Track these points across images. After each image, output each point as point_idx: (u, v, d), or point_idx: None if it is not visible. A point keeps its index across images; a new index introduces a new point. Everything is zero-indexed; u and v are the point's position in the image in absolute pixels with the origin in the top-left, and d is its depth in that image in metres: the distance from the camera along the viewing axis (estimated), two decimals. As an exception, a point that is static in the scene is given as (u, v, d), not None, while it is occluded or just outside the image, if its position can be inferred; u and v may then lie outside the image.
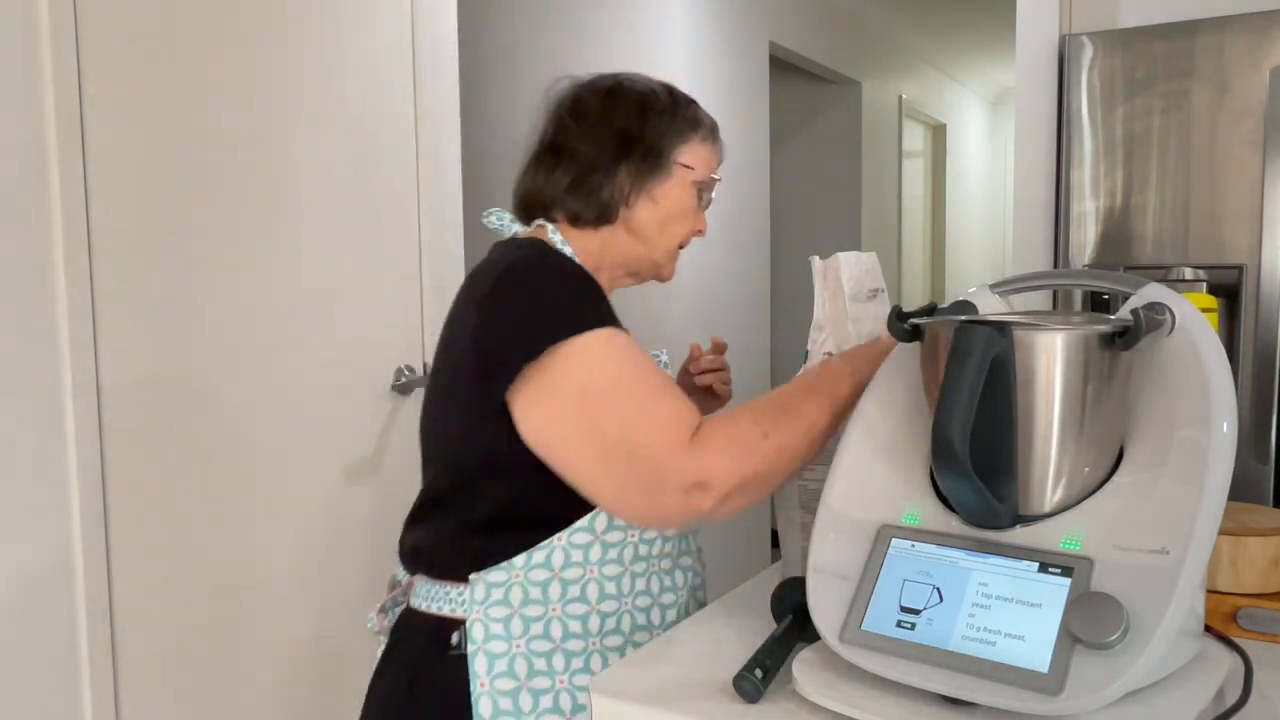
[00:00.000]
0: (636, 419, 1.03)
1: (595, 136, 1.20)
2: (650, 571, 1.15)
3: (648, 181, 1.20)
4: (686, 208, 1.23)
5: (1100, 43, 1.92)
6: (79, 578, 1.57)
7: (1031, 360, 0.83)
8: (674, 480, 1.01)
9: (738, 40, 3.80)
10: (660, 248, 1.23)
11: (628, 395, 1.04)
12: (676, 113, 1.22)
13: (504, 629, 1.08)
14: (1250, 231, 1.81)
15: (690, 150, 1.22)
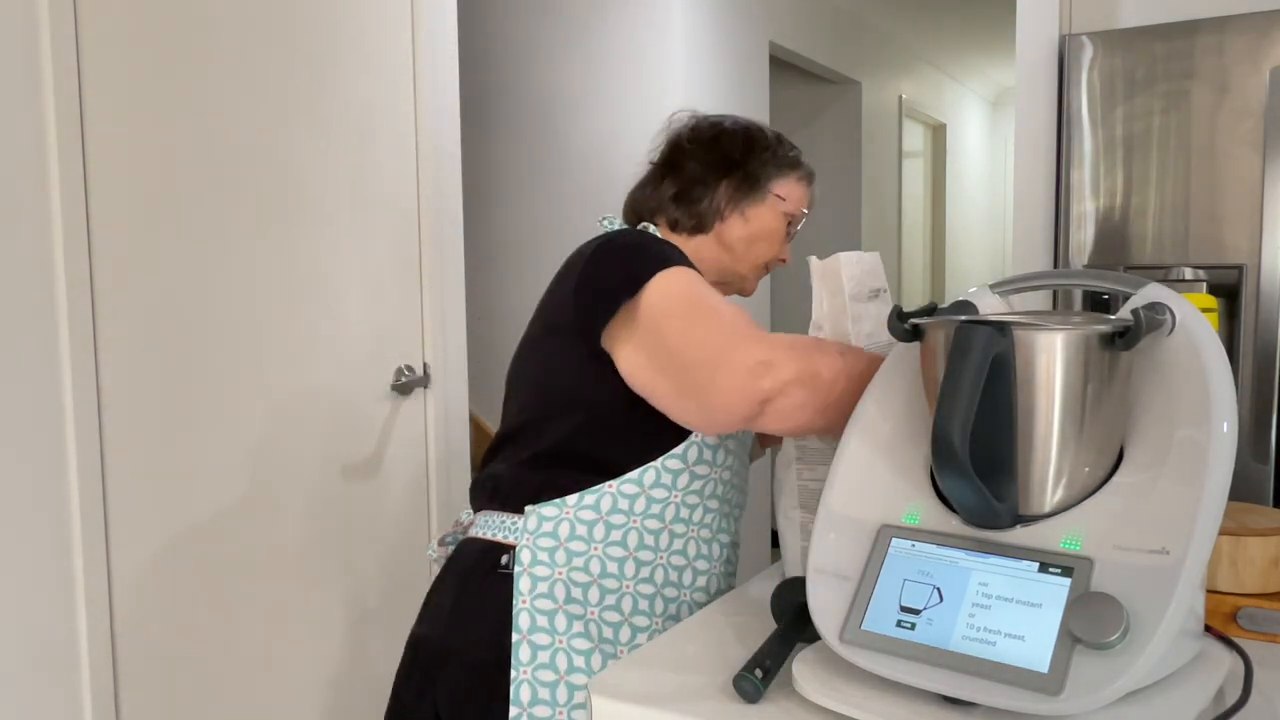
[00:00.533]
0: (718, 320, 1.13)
1: (704, 157, 1.37)
2: (689, 535, 1.24)
3: (743, 201, 1.36)
4: (774, 232, 1.38)
5: (1100, 43, 1.92)
6: (79, 577, 1.57)
7: (1031, 360, 0.83)
8: (741, 360, 1.08)
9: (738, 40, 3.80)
10: (746, 262, 1.38)
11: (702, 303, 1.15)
12: (778, 151, 1.40)
13: (549, 557, 1.19)
14: (1250, 231, 1.81)
15: (785, 184, 1.38)
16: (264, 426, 1.86)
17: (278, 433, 1.88)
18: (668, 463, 1.21)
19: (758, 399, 1.08)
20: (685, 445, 1.21)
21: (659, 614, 1.22)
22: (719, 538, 1.27)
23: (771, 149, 1.39)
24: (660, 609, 1.23)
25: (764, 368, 1.07)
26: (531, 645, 1.17)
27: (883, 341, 1.16)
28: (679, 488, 1.22)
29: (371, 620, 2.10)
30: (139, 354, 1.65)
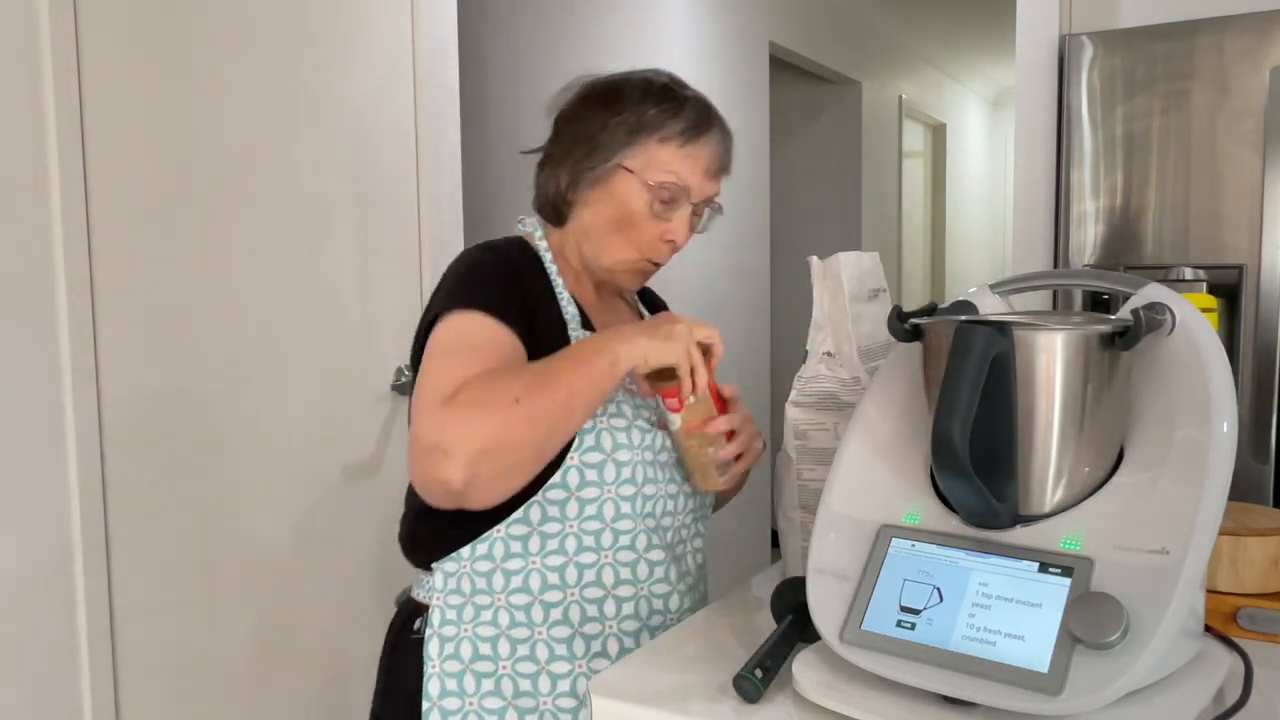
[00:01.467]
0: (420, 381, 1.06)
1: (558, 133, 1.22)
2: (602, 564, 1.13)
3: (582, 181, 1.18)
4: (633, 215, 1.17)
5: (1100, 43, 1.92)
6: (79, 577, 1.57)
7: (1031, 360, 0.83)
8: (419, 439, 1.01)
9: (738, 40, 3.80)
10: (607, 255, 1.20)
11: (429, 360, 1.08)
12: (635, 110, 1.17)
13: (457, 615, 1.12)
14: (1250, 231, 1.80)
15: (643, 152, 1.16)
16: (263, 426, 1.86)
17: (277, 432, 1.88)
18: (549, 494, 1.11)
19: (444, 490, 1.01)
20: (562, 472, 1.10)
21: (581, 656, 1.13)
22: (647, 556, 1.15)
23: (626, 109, 1.17)
24: (583, 650, 1.13)
25: (439, 454, 0.99)
26: (442, 711, 1.11)
27: (882, 341, 1.16)
28: (571, 517, 1.11)
29: (371, 620, 2.10)
30: (139, 354, 1.65)
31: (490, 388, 1.02)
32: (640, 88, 1.19)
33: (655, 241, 1.18)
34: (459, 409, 1.00)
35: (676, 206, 1.17)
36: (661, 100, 1.18)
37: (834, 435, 1.13)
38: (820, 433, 1.14)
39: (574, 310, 1.18)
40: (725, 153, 1.22)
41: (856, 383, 1.12)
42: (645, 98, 1.18)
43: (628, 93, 1.18)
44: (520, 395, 1.01)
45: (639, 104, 1.17)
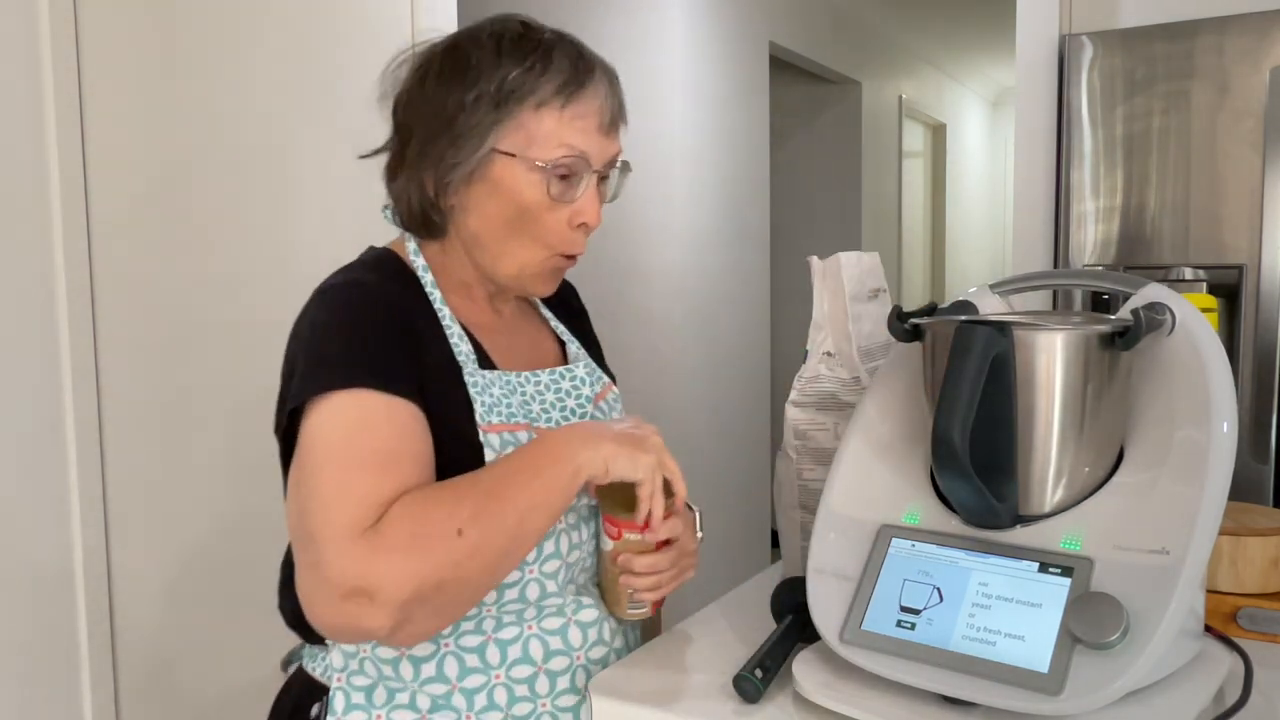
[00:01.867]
0: (319, 495, 0.85)
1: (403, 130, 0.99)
2: (527, 635, 0.96)
3: (452, 181, 0.96)
4: (529, 207, 0.95)
5: (1100, 43, 1.92)
6: (79, 577, 1.57)
7: (1032, 360, 0.83)
8: (332, 580, 0.82)
9: (738, 40, 3.80)
10: (508, 262, 0.99)
11: (324, 467, 0.87)
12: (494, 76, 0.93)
13: (366, 699, 0.96)
14: (1250, 231, 1.80)
15: (518, 127, 0.94)
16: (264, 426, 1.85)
17: (278, 433, 1.88)
18: None
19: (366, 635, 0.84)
20: None
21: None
22: (579, 617, 0.99)
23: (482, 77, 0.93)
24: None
25: (362, 599, 0.81)
26: None
27: (882, 341, 1.16)
28: (489, 601, 0.95)
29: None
30: (139, 354, 1.65)
31: (426, 517, 0.84)
32: (490, 47, 0.95)
33: (564, 230, 0.98)
34: (387, 548, 0.82)
35: (578, 182, 0.96)
36: (521, 55, 0.94)
37: (834, 435, 1.13)
38: (820, 433, 1.14)
39: (467, 347, 0.98)
40: (616, 98, 1.00)
41: (856, 383, 1.12)
42: (499, 57, 0.94)
43: (475, 56, 0.95)
44: (465, 524, 0.84)
45: (494, 67, 0.94)
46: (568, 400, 1.06)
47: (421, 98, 0.97)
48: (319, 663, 1.02)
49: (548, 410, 1.03)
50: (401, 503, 0.85)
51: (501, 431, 0.96)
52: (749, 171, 3.93)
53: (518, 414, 0.99)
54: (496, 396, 0.98)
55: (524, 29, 0.98)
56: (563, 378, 1.07)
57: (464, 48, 0.96)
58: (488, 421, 0.95)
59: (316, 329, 0.93)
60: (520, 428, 0.98)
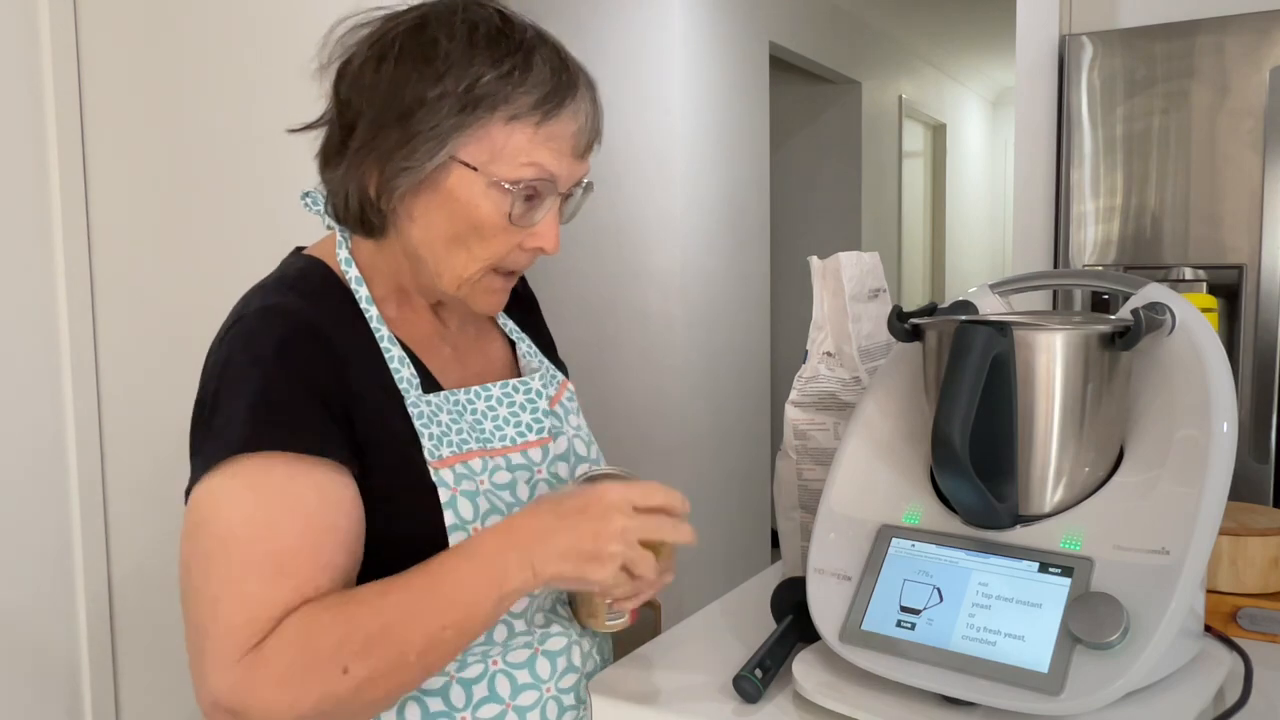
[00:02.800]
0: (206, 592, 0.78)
1: (348, 108, 0.86)
2: (493, 672, 0.90)
3: (401, 185, 0.84)
4: (480, 225, 0.85)
5: (1100, 43, 1.92)
6: (79, 577, 1.57)
7: (1031, 360, 0.83)
8: (208, 688, 0.76)
9: (738, 40, 3.80)
10: (447, 276, 0.88)
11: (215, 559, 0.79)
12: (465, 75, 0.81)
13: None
14: (1250, 231, 1.80)
15: (484, 137, 0.83)
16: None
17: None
18: None
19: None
20: None
21: None
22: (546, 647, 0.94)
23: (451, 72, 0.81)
24: None
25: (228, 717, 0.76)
26: None
27: (882, 341, 1.16)
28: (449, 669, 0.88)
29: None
30: (139, 354, 1.65)
31: (312, 647, 0.76)
32: (462, 36, 0.83)
33: (514, 252, 0.89)
34: (264, 677, 0.75)
35: (540, 204, 0.87)
36: (498, 54, 0.83)
37: (834, 435, 1.13)
38: (820, 433, 1.14)
39: (408, 372, 0.89)
40: (597, 118, 0.89)
41: (856, 383, 1.12)
42: (472, 51, 0.82)
43: (446, 45, 0.82)
44: (351, 660, 0.75)
45: (466, 62, 0.82)
46: (522, 415, 0.97)
47: (375, 79, 0.84)
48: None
49: (501, 428, 0.95)
50: (291, 624, 0.77)
51: (454, 464, 0.88)
52: (749, 171, 3.93)
53: (469, 439, 0.91)
54: (445, 424, 0.89)
55: (503, 22, 0.85)
56: (516, 390, 0.98)
57: (432, 31, 0.83)
58: (438, 457, 0.87)
59: (228, 369, 0.83)
60: (474, 455, 0.90)
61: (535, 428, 0.98)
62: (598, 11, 3.16)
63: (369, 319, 0.90)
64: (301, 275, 0.91)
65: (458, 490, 0.87)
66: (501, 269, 0.90)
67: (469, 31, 0.83)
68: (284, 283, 0.90)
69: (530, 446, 0.96)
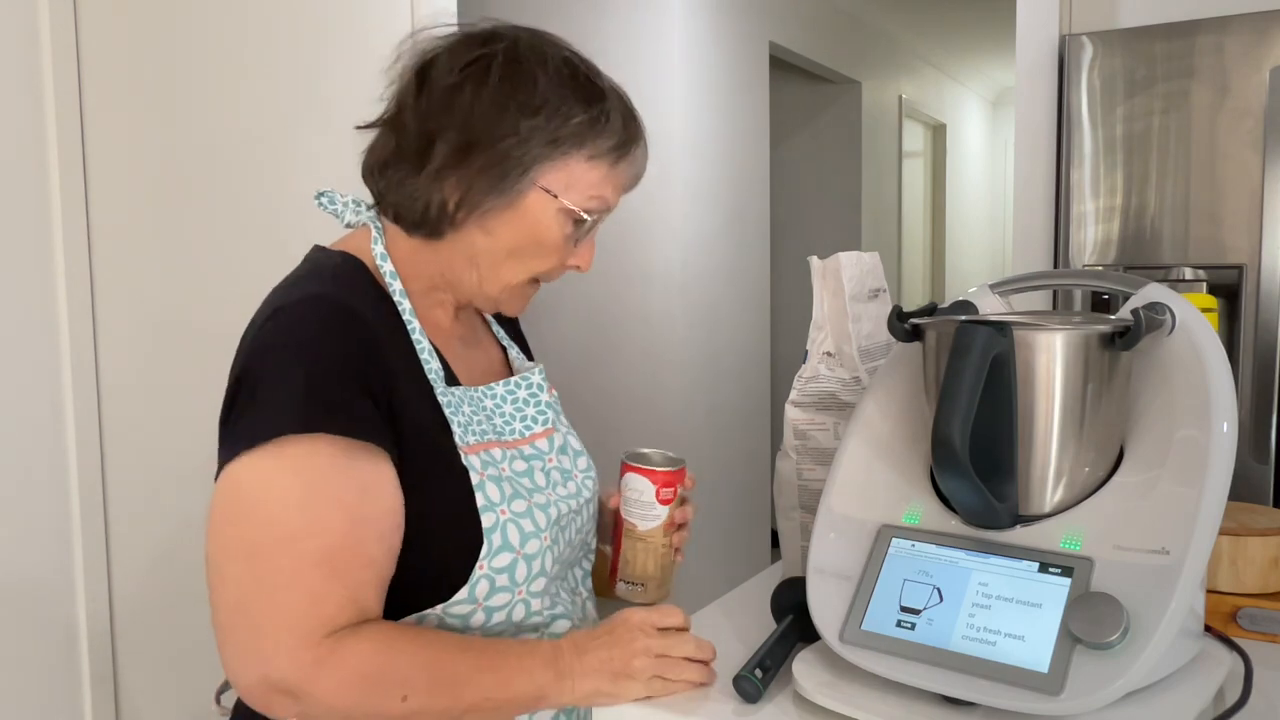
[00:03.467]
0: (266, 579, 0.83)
1: (431, 121, 0.91)
2: None
3: (482, 203, 0.92)
4: (543, 243, 0.95)
5: (1100, 43, 1.92)
6: (79, 577, 1.57)
7: (1031, 360, 0.83)
8: (268, 670, 0.82)
9: (738, 40, 3.80)
10: (495, 284, 0.97)
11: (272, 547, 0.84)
12: (558, 113, 0.91)
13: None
14: (1250, 231, 1.80)
15: (565, 169, 0.92)
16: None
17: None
18: (453, 609, 0.92)
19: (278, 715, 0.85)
20: (470, 585, 0.91)
21: None
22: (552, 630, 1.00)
23: (545, 109, 0.90)
24: None
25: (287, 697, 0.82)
26: None
27: (882, 341, 1.16)
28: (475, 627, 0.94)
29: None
30: (139, 353, 1.65)
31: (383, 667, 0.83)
32: (555, 78, 0.92)
33: (557, 268, 0.99)
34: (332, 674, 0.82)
35: (587, 228, 0.97)
36: (587, 99, 0.93)
37: (834, 435, 1.13)
38: (820, 433, 1.14)
39: (436, 365, 0.95)
40: (645, 163, 1.01)
41: (856, 383, 1.12)
42: (565, 91, 0.92)
43: (543, 84, 0.91)
44: (413, 693, 0.83)
45: (560, 101, 0.91)
46: (527, 409, 1.04)
47: (470, 101, 0.91)
48: None
49: (510, 422, 1.02)
50: (374, 636, 0.85)
51: (479, 452, 0.95)
52: (749, 171, 3.93)
53: (488, 431, 0.98)
54: (468, 415, 0.96)
55: (586, 68, 0.96)
56: (519, 386, 1.05)
57: (528, 68, 0.92)
58: (466, 443, 0.94)
59: (271, 354, 0.87)
60: (494, 445, 0.97)
61: (540, 419, 1.05)
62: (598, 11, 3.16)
63: (402, 312, 0.95)
64: (336, 269, 0.96)
65: (485, 475, 0.93)
66: (539, 282, 1.00)
67: (558, 72, 0.92)
68: (322, 274, 0.95)
69: (538, 438, 1.04)
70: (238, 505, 0.86)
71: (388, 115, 0.96)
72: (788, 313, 4.61)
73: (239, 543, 0.85)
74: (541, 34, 0.96)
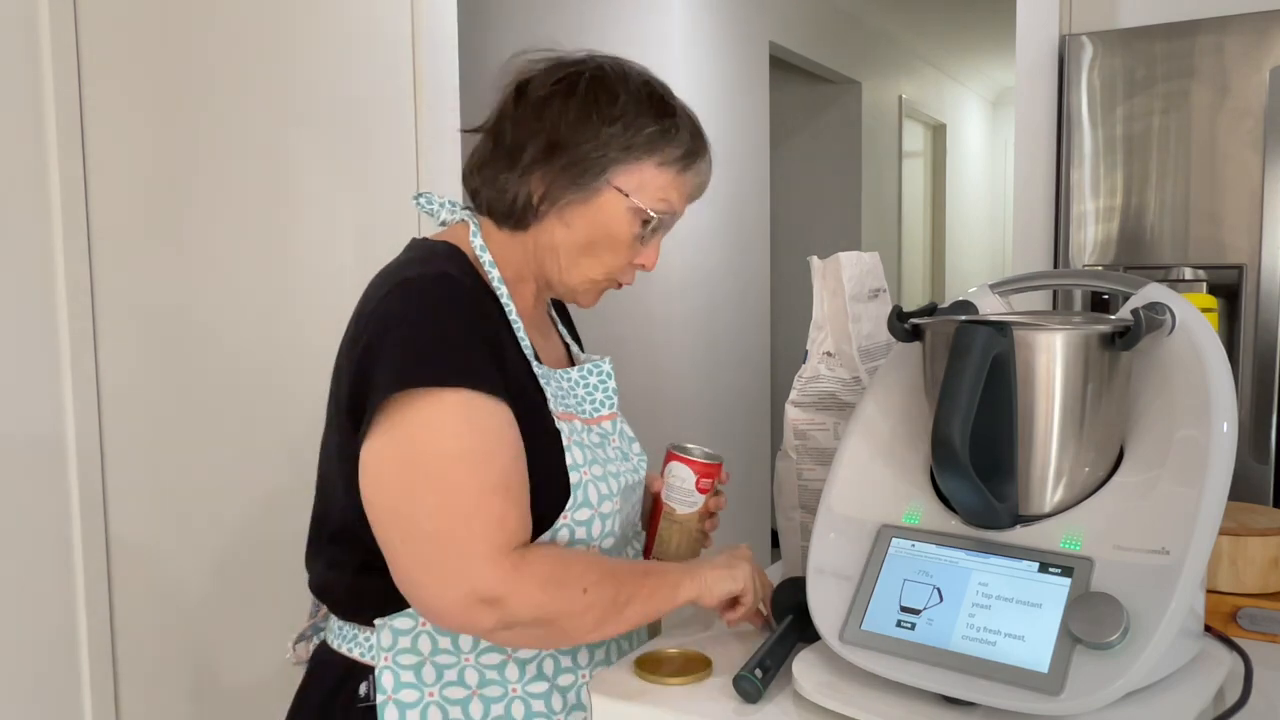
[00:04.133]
0: (458, 505, 0.92)
1: (524, 128, 1.04)
2: (510, 698, 1.03)
3: (562, 197, 1.03)
4: (615, 238, 1.05)
5: (1100, 43, 1.92)
6: (79, 577, 1.57)
7: (1032, 360, 0.83)
8: (473, 584, 0.91)
9: (738, 40, 3.80)
10: (575, 275, 1.08)
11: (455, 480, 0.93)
12: (634, 123, 1.03)
13: (415, 677, 1.00)
14: (1250, 231, 1.80)
15: (637, 173, 1.03)
16: (263, 426, 1.86)
17: (276, 432, 1.88)
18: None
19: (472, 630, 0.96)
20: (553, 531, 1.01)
21: (559, 711, 1.04)
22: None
23: (623, 119, 1.02)
24: (560, 705, 1.05)
25: (490, 605, 0.91)
26: None
27: (882, 341, 1.16)
28: None
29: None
30: (139, 354, 1.65)
31: (565, 566, 0.96)
32: (636, 94, 1.05)
33: (626, 266, 1.09)
34: (528, 574, 0.93)
35: (656, 231, 1.08)
36: (659, 114, 1.05)
37: (834, 435, 1.13)
38: (820, 433, 1.14)
39: (528, 342, 1.06)
40: (709, 175, 1.12)
41: (856, 383, 1.12)
42: (641, 106, 1.04)
43: (624, 97, 1.04)
44: (590, 586, 0.95)
45: (636, 114, 1.03)
46: (597, 394, 1.13)
47: (560, 110, 1.03)
48: (356, 643, 1.04)
49: (583, 402, 1.11)
50: (548, 547, 0.98)
51: (566, 420, 1.05)
52: (749, 171, 3.93)
53: (571, 405, 1.08)
54: (554, 389, 1.06)
55: (660, 89, 1.08)
56: (590, 373, 1.14)
57: (611, 84, 1.04)
58: (556, 410, 1.04)
59: (406, 322, 0.96)
60: (575, 418, 1.07)
61: (607, 403, 1.14)
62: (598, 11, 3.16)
63: (500, 295, 1.05)
64: (448, 253, 1.05)
65: (571, 440, 1.03)
66: (612, 277, 1.10)
67: (637, 90, 1.05)
68: (436, 257, 1.04)
69: (605, 420, 1.13)
70: (417, 449, 0.93)
71: (489, 123, 1.08)
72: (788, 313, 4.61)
73: (425, 479, 0.93)
74: (624, 60, 1.09)
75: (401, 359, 0.94)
